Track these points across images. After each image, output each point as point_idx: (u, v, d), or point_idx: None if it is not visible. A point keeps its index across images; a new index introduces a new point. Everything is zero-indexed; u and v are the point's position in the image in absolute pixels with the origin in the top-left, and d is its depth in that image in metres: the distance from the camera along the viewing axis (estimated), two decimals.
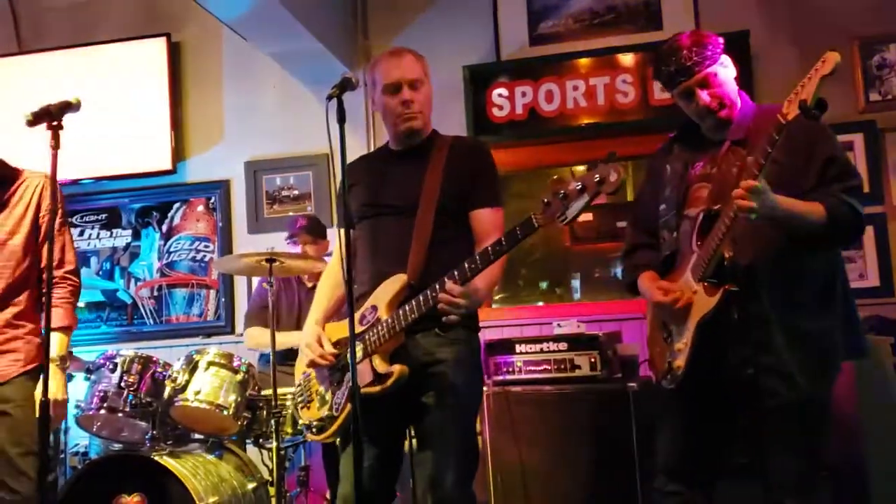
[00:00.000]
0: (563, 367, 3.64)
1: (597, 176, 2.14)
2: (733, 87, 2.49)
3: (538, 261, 5.06)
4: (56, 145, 2.37)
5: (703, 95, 2.44)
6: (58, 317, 2.88)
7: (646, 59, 4.54)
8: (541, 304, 4.98)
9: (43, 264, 2.81)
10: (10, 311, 2.81)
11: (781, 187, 2.26)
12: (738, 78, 2.53)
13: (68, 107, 2.41)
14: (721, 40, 2.47)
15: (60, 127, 2.38)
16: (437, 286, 2.35)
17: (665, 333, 2.53)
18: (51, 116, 2.38)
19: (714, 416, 2.48)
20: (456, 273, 2.31)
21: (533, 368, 3.68)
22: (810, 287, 2.38)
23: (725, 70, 2.47)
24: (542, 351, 3.68)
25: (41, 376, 2.51)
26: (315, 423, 2.59)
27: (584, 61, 4.67)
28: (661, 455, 2.60)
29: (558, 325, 4.01)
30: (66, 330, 2.91)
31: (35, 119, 2.40)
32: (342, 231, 2.36)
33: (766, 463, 2.37)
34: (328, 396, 2.57)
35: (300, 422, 2.72)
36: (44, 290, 2.89)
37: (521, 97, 4.69)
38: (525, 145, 4.80)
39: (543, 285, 5.04)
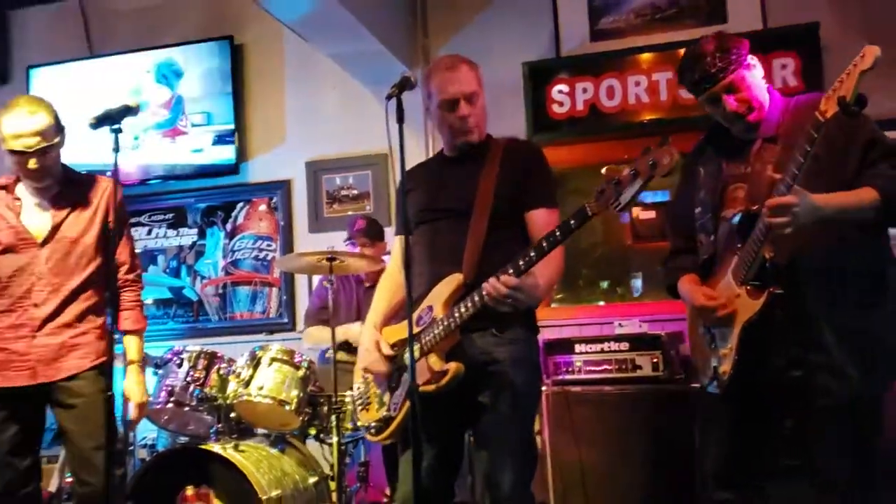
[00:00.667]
0: (624, 367, 3.60)
1: (650, 160, 2.12)
2: (761, 87, 2.43)
3: (599, 260, 5.00)
4: (117, 148, 2.45)
5: (730, 101, 2.39)
6: (132, 320, 3.00)
7: None
8: (601, 303, 4.92)
9: (111, 265, 2.91)
10: (82, 306, 2.91)
11: (820, 179, 2.22)
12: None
13: (128, 111, 2.48)
14: (746, 42, 2.42)
15: (120, 130, 2.46)
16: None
17: (708, 338, 2.49)
18: (112, 120, 2.45)
19: (758, 418, 2.43)
20: (510, 267, 2.30)
21: (593, 368, 3.65)
22: (856, 284, 2.31)
23: (752, 72, 2.42)
24: (602, 351, 3.65)
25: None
26: (374, 424, 2.61)
27: (645, 56, 4.60)
28: (709, 461, 2.55)
29: (619, 324, 3.97)
30: (139, 332, 3.01)
31: (97, 122, 2.48)
32: (401, 238, 2.37)
33: (817, 463, 2.32)
34: (385, 398, 2.59)
35: (359, 423, 2.75)
36: (118, 289, 3.02)
37: (582, 93, 4.64)
38: (585, 142, 4.74)
39: (604, 284, 4.97)
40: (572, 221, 2.26)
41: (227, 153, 5.12)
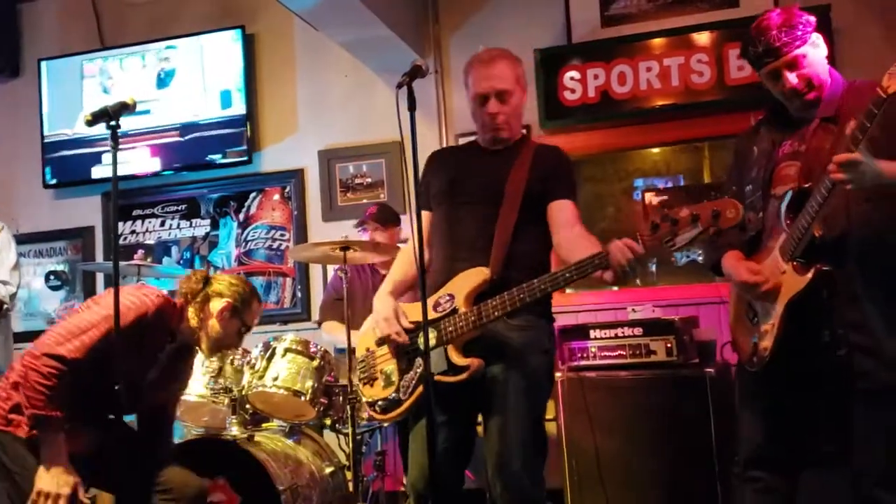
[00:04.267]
0: (638, 352, 3.60)
1: (714, 208, 2.11)
2: (824, 66, 2.41)
3: None
4: (115, 145, 2.42)
5: (791, 77, 2.37)
6: None
7: (722, 37, 4.41)
8: (615, 289, 4.91)
9: None
10: None
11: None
12: (828, 56, 2.45)
13: (125, 108, 2.45)
14: (812, 19, 2.39)
15: (118, 127, 2.42)
16: (526, 287, 2.38)
17: (751, 314, 2.48)
18: (108, 117, 2.43)
19: (799, 400, 2.41)
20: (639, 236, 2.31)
21: (608, 354, 3.64)
22: None
23: (815, 50, 2.40)
24: (616, 336, 3.64)
25: None
26: (380, 401, 2.62)
27: (657, 41, 4.56)
28: (743, 440, 2.54)
29: (633, 310, 3.96)
30: None
31: (94, 119, 2.45)
32: (422, 214, 2.36)
33: (853, 451, 2.30)
34: (395, 378, 2.59)
35: (363, 399, 2.74)
36: None
37: (594, 80, 4.61)
38: (597, 129, 4.72)
39: None
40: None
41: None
